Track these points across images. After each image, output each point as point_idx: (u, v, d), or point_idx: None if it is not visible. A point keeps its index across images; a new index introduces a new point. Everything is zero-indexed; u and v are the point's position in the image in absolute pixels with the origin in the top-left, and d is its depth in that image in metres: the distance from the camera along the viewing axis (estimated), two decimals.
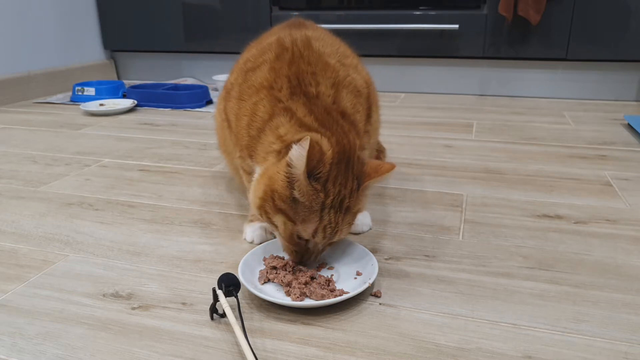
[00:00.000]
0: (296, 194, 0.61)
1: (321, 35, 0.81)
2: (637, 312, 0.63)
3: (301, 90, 0.69)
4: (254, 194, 0.66)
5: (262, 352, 0.56)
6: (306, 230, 0.63)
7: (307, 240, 0.65)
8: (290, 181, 0.61)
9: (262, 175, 0.66)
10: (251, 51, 0.81)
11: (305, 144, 0.57)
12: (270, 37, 0.81)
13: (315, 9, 2.04)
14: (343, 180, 0.62)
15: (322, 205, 0.61)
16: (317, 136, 0.62)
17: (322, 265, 0.71)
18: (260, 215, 0.66)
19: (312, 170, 0.60)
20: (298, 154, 0.58)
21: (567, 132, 1.46)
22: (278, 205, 0.63)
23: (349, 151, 0.64)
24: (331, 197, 0.61)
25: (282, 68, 0.71)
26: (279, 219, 0.64)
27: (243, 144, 0.72)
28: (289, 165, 0.60)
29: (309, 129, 0.65)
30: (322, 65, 0.72)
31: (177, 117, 1.69)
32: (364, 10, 1.99)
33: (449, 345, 0.57)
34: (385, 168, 0.64)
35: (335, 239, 0.65)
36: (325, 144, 0.62)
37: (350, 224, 0.66)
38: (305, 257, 0.67)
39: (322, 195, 0.61)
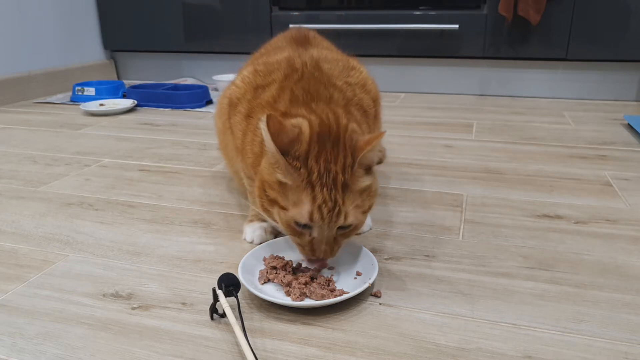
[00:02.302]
0: (279, 176, 0.61)
1: (328, 56, 0.82)
2: (637, 312, 0.63)
3: (310, 97, 0.69)
4: (256, 196, 0.67)
5: (262, 352, 0.56)
6: (301, 214, 0.61)
7: (310, 228, 0.63)
8: (273, 165, 0.62)
9: (257, 176, 0.67)
10: (259, 63, 0.80)
11: (264, 118, 0.58)
12: (279, 53, 0.81)
13: (315, 9, 2.04)
14: (330, 157, 0.61)
15: (308, 183, 0.60)
16: (298, 120, 0.63)
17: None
18: (267, 216, 0.67)
19: (285, 148, 0.60)
20: (263, 130, 0.59)
21: (567, 132, 1.46)
22: (270, 195, 0.63)
23: (337, 130, 0.63)
24: (315, 174, 0.60)
25: (288, 86, 0.72)
26: (275, 211, 0.64)
27: (249, 162, 0.72)
28: (267, 146, 0.61)
29: (294, 116, 0.66)
30: (331, 86, 0.73)
31: (177, 117, 1.69)
32: (364, 10, 1.99)
33: (449, 345, 0.57)
34: (373, 136, 0.62)
35: (341, 220, 0.62)
36: (304, 125, 0.62)
37: (360, 207, 0.63)
38: (316, 248, 0.64)
39: (303, 171, 0.60)
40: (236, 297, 0.62)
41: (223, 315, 0.62)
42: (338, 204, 0.61)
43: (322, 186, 0.60)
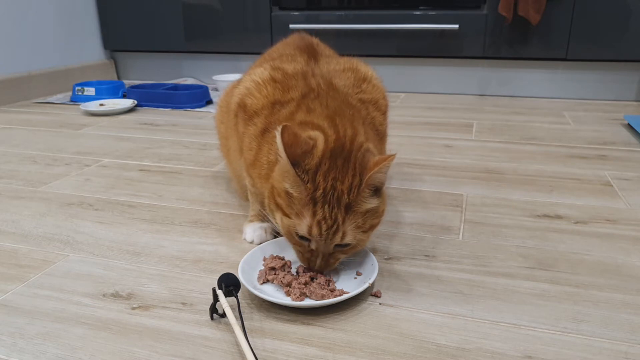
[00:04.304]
0: (287, 186, 0.62)
1: (337, 67, 0.82)
2: (637, 312, 0.63)
3: (333, 112, 0.69)
4: (266, 197, 0.68)
5: (262, 352, 0.56)
6: (300, 225, 0.62)
7: (309, 241, 0.64)
8: (283, 174, 0.62)
9: (269, 181, 0.68)
10: (275, 68, 0.79)
11: (279, 129, 0.59)
12: (292, 63, 0.80)
13: (315, 9, 2.04)
14: (339, 175, 0.61)
15: (312, 198, 0.61)
16: (315, 133, 0.64)
17: None
18: (272, 218, 0.67)
19: (296, 160, 0.60)
20: (278, 141, 0.60)
21: (567, 132, 1.46)
22: (277, 201, 0.64)
23: (350, 147, 0.63)
24: (321, 190, 0.60)
25: (305, 104, 0.72)
26: (277, 216, 0.65)
27: (262, 173, 0.72)
28: (280, 155, 0.61)
29: (313, 126, 0.65)
30: (348, 106, 0.73)
31: (177, 117, 1.69)
32: (364, 10, 1.99)
33: (449, 345, 0.57)
34: (383, 158, 0.62)
35: (338, 239, 0.62)
36: (320, 139, 0.62)
37: (360, 227, 0.63)
38: (312, 260, 0.65)
39: (310, 186, 0.61)
40: (236, 297, 0.62)
41: (223, 315, 0.62)
42: (337, 222, 0.61)
43: (324, 203, 0.61)
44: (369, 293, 0.67)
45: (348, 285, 0.67)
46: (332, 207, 0.61)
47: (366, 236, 0.65)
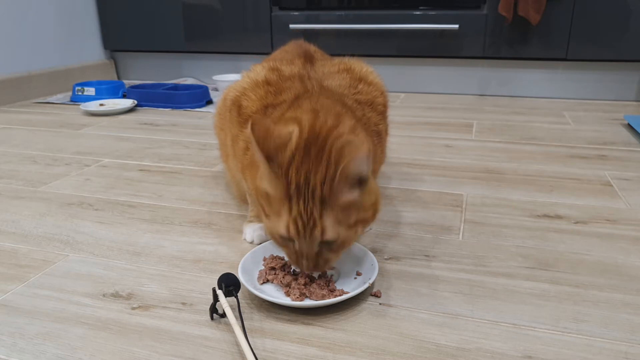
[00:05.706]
0: (265, 185, 0.60)
1: (332, 69, 0.81)
2: (637, 312, 0.63)
3: (319, 106, 0.67)
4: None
5: (262, 352, 0.56)
6: (279, 225, 0.60)
7: (293, 241, 0.61)
8: (262, 172, 0.60)
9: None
10: (273, 69, 0.78)
11: (250, 123, 0.57)
12: (290, 66, 0.80)
13: (315, 9, 2.04)
14: (312, 167, 0.57)
15: (287, 195, 0.58)
16: (293, 126, 0.61)
17: None
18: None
19: (270, 154, 0.58)
20: (249, 135, 0.58)
21: (567, 132, 1.46)
22: (261, 203, 0.62)
23: (325, 137, 0.59)
24: (294, 185, 0.57)
25: (296, 102, 0.70)
26: (263, 219, 0.64)
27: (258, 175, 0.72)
28: (255, 151, 0.60)
29: (295, 120, 0.63)
30: (342, 105, 0.71)
31: (177, 117, 1.69)
32: (364, 10, 1.99)
33: (449, 345, 0.57)
34: (357, 146, 0.58)
35: (317, 235, 0.58)
36: (296, 131, 0.59)
37: (343, 222, 0.59)
38: (299, 262, 0.63)
39: (283, 181, 0.58)
40: (236, 297, 0.62)
41: (223, 315, 0.62)
42: (314, 218, 0.58)
43: (299, 198, 0.58)
44: (369, 293, 0.67)
45: (348, 285, 0.67)
46: (306, 201, 0.57)
47: (352, 232, 0.61)
